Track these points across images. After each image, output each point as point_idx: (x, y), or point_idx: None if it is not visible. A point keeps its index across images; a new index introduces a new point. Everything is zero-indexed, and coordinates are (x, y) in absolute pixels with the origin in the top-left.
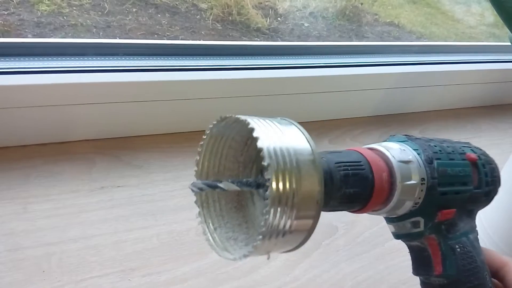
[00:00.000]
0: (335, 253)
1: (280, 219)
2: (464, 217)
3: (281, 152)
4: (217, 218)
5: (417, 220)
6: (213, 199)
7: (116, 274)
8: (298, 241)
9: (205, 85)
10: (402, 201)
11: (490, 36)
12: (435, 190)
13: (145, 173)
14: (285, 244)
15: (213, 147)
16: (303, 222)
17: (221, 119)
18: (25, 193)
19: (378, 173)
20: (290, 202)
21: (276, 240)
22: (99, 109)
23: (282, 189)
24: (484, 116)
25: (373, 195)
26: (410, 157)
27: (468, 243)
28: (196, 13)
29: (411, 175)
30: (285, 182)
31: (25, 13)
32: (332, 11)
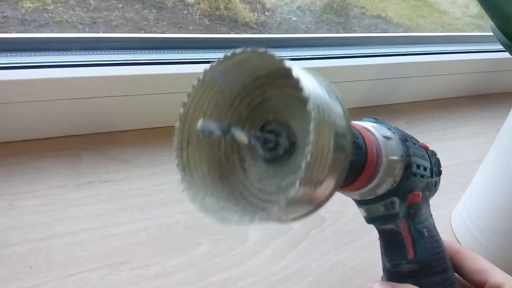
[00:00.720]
0: (323, 243)
1: (318, 169)
2: (424, 203)
3: (322, 104)
4: (202, 186)
5: (393, 201)
6: (194, 164)
7: (104, 268)
8: (324, 195)
9: (193, 79)
10: (384, 178)
11: (475, 27)
12: (410, 169)
13: (133, 167)
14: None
15: (200, 99)
16: (334, 170)
17: (225, 58)
18: (11, 189)
19: (370, 144)
20: (326, 154)
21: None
22: (85, 104)
23: (321, 142)
24: (469, 105)
25: (365, 167)
26: (389, 134)
27: (432, 227)
28: (183, 8)
29: (393, 150)
30: (324, 142)
31: (9, 10)
32: (319, 4)
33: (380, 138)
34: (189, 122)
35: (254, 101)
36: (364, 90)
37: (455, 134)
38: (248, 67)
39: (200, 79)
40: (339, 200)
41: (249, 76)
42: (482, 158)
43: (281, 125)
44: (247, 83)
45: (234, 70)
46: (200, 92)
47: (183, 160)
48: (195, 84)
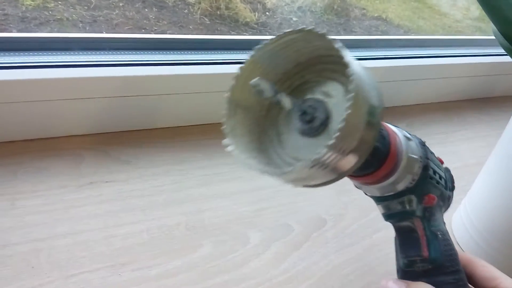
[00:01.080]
0: (324, 245)
1: (343, 146)
2: (438, 210)
3: (362, 83)
4: (246, 151)
5: (410, 199)
6: (240, 132)
7: (106, 269)
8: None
9: (194, 79)
10: (404, 174)
11: (476, 30)
12: (427, 171)
13: (134, 168)
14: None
15: (248, 77)
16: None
17: (276, 38)
18: (13, 189)
19: (393, 137)
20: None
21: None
22: (87, 104)
23: (353, 121)
24: (470, 109)
25: (388, 157)
26: (409, 136)
27: (445, 231)
28: (183, 7)
29: (413, 150)
30: (359, 115)
31: (9, 7)
32: (320, 5)
33: (402, 136)
34: (238, 93)
35: (293, 84)
36: None
37: (455, 137)
38: (294, 50)
39: (252, 55)
40: (340, 203)
41: (291, 61)
42: (483, 162)
43: (318, 102)
44: (288, 68)
45: (280, 52)
46: (249, 68)
47: (230, 126)
48: (247, 59)
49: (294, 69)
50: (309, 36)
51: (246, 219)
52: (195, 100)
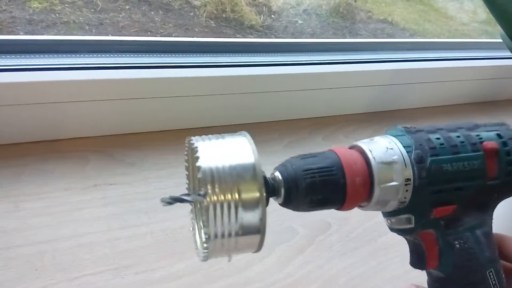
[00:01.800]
0: (328, 249)
1: (222, 226)
2: (471, 211)
3: (219, 168)
4: (199, 221)
5: (408, 217)
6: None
7: (109, 272)
8: (254, 244)
9: (199, 82)
10: (384, 201)
11: (483, 33)
12: (425, 189)
13: (138, 170)
14: (241, 247)
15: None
16: (249, 226)
17: (188, 139)
18: (17, 191)
19: (351, 177)
20: (229, 211)
21: (228, 244)
22: (92, 107)
23: (219, 200)
24: (476, 112)
25: (346, 198)
26: (394, 158)
27: (472, 238)
28: (189, 10)
29: (392, 176)
30: (221, 194)
31: (16, 10)
32: (325, 8)
33: (376, 166)
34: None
35: None
36: (371, 96)
37: None
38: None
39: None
40: None
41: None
42: None
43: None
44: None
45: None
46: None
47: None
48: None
49: None
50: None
51: None
52: (198, 102)
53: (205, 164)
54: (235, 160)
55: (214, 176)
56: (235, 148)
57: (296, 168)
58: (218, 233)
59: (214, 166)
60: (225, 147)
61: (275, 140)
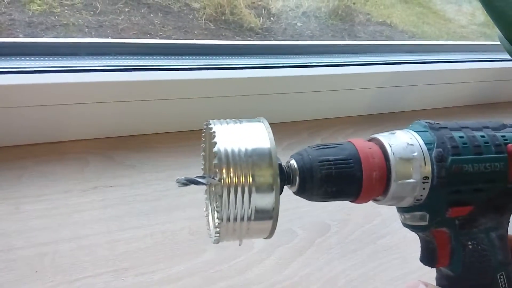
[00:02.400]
0: (328, 251)
1: (235, 210)
2: (488, 213)
3: (235, 151)
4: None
5: (422, 214)
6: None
7: (109, 274)
8: (266, 229)
9: (198, 85)
10: (399, 197)
11: (481, 35)
12: (442, 189)
13: (138, 172)
14: (253, 232)
15: (207, 144)
16: (262, 211)
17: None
18: (17, 193)
19: (368, 171)
20: (242, 194)
21: (240, 228)
22: (92, 109)
23: (233, 183)
24: (475, 114)
25: (361, 192)
26: (414, 154)
27: (486, 240)
28: (189, 12)
29: (411, 173)
30: (235, 177)
31: (16, 12)
32: (324, 10)
33: (394, 161)
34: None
35: None
36: (369, 98)
37: None
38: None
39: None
40: (345, 208)
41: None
42: None
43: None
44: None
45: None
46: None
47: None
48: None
49: None
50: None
51: None
52: (199, 105)
53: (221, 148)
54: (251, 145)
55: (230, 161)
56: (252, 134)
57: (313, 158)
58: (231, 217)
59: (230, 150)
60: (242, 132)
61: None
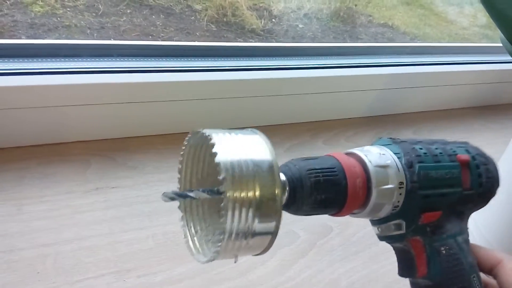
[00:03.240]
0: (329, 253)
1: (238, 225)
2: (452, 219)
3: (239, 164)
4: (199, 221)
5: (399, 223)
6: (196, 204)
7: (111, 275)
8: (263, 245)
9: (200, 86)
10: (380, 204)
11: (483, 37)
12: (416, 193)
13: (140, 174)
14: (251, 248)
15: (194, 155)
16: (264, 226)
17: (194, 132)
18: (19, 194)
19: (352, 179)
20: (248, 209)
21: (240, 244)
22: (94, 110)
23: (239, 198)
24: (477, 116)
25: (347, 200)
26: (388, 162)
27: (455, 245)
28: (190, 14)
29: (388, 179)
30: (242, 192)
31: (18, 14)
32: (326, 12)
33: (372, 168)
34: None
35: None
36: (371, 100)
37: None
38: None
39: (186, 144)
40: None
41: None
42: None
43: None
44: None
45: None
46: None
47: (185, 202)
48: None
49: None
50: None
51: None
52: (200, 106)
53: (225, 160)
54: (253, 157)
55: (235, 173)
56: (251, 145)
57: (300, 168)
58: (233, 233)
59: (234, 162)
60: (241, 144)
61: (277, 144)
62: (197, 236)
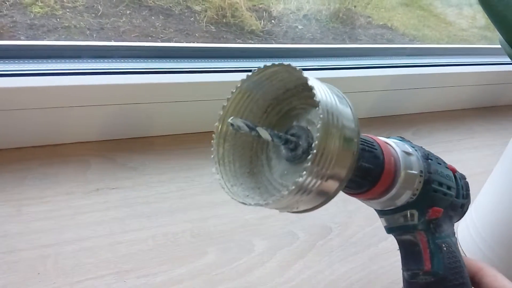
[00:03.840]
0: (329, 254)
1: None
2: (447, 221)
3: (331, 109)
4: (232, 178)
5: (412, 213)
6: (228, 160)
7: (111, 276)
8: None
9: (200, 87)
10: (403, 189)
11: (482, 38)
12: (430, 185)
13: (140, 175)
14: (306, 203)
15: (237, 105)
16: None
17: (259, 70)
18: (20, 195)
19: (388, 156)
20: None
21: (299, 198)
22: (94, 112)
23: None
24: (476, 117)
25: (382, 176)
26: (410, 150)
27: (452, 244)
28: (190, 15)
29: (412, 165)
30: (331, 140)
31: (18, 15)
32: (325, 13)
33: (400, 153)
34: (226, 123)
35: (283, 110)
36: (372, 101)
37: (461, 146)
38: (279, 79)
39: (238, 86)
40: (346, 211)
41: (280, 88)
42: (489, 171)
43: (302, 130)
44: (278, 94)
45: (266, 82)
46: (238, 98)
47: (219, 154)
48: (233, 91)
49: (284, 95)
50: (288, 68)
51: (251, 227)
52: (201, 107)
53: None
54: (341, 105)
55: (330, 117)
56: (336, 96)
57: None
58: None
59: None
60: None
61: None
62: (234, 189)
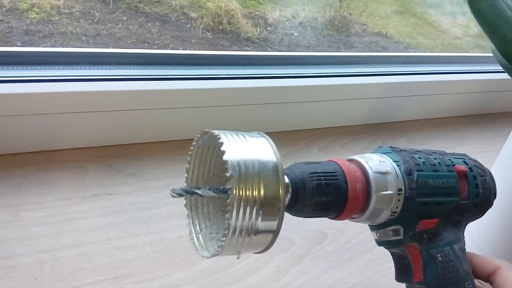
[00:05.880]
0: (324, 259)
1: (242, 222)
2: (449, 227)
3: (245, 164)
4: (204, 220)
5: (397, 228)
6: (201, 203)
7: (108, 281)
8: (265, 243)
9: (196, 94)
10: (379, 210)
11: (475, 46)
12: (414, 200)
13: (138, 180)
14: (253, 245)
15: (202, 156)
16: (267, 224)
17: (203, 133)
18: (18, 201)
19: (353, 183)
20: (252, 207)
21: (243, 240)
22: (92, 118)
23: (244, 196)
24: (470, 125)
25: (347, 204)
26: (387, 169)
27: (451, 253)
28: (186, 22)
29: (387, 185)
30: (247, 190)
31: (14, 20)
32: (321, 21)
33: (373, 175)
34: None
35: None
36: (366, 108)
37: None
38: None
39: (194, 144)
40: None
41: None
42: None
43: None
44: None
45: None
46: (199, 151)
47: (192, 200)
48: (192, 147)
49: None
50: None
51: None
52: (197, 114)
53: (232, 159)
54: (258, 158)
55: (241, 172)
56: (257, 147)
57: (303, 171)
58: (237, 230)
59: (241, 161)
60: (247, 144)
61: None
62: (201, 234)
